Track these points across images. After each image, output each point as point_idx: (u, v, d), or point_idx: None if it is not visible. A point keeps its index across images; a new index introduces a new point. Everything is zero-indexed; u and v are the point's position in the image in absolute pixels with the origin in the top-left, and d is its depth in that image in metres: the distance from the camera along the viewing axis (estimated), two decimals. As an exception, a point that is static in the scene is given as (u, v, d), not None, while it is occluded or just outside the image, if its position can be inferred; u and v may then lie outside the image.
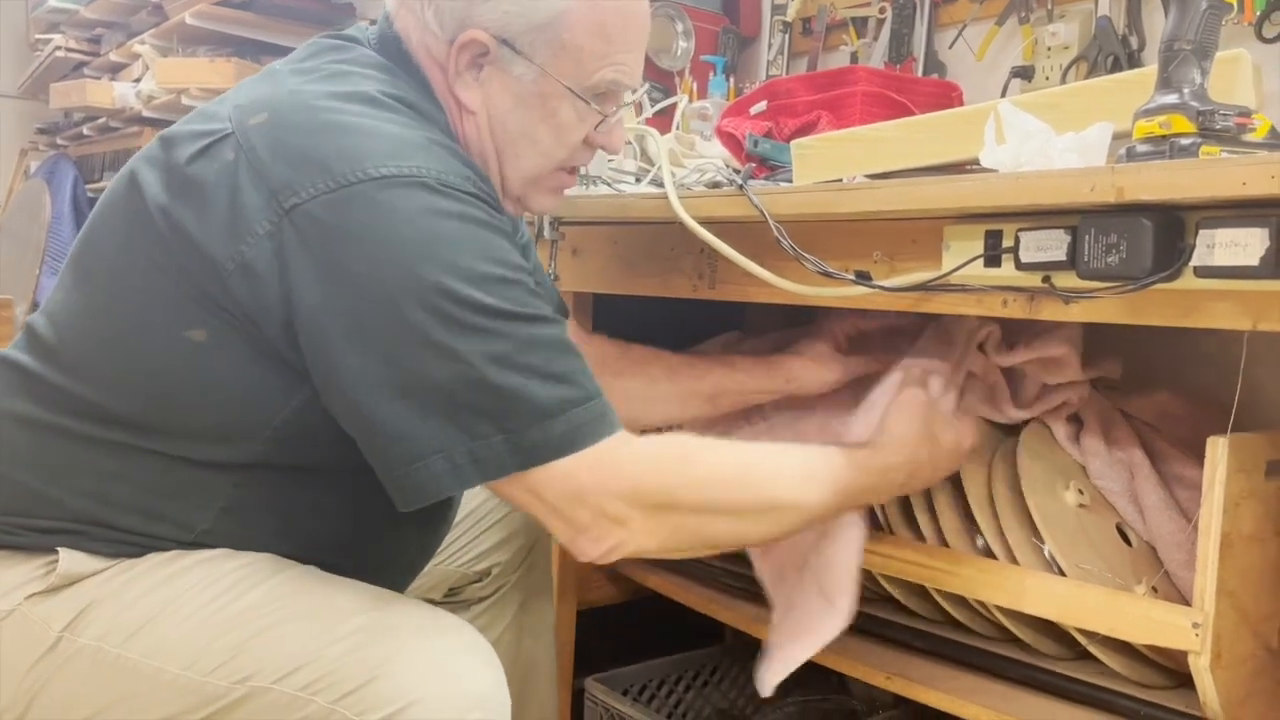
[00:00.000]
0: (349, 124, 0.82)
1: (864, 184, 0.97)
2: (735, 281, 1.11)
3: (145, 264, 0.84)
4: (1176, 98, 0.78)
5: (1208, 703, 0.87)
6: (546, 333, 0.81)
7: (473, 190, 0.82)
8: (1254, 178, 0.69)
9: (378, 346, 0.78)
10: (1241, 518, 0.86)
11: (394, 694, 0.76)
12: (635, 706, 1.28)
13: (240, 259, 0.80)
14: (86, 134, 3.07)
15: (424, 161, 0.81)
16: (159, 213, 0.83)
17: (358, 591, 0.85)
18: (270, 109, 0.84)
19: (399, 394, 0.78)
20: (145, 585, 0.83)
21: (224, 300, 0.81)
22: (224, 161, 0.82)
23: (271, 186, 0.80)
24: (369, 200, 0.78)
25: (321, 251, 0.78)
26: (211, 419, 0.85)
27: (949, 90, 1.37)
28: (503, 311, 0.79)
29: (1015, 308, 0.89)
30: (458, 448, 0.78)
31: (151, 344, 0.84)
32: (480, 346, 0.78)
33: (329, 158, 0.79)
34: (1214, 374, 1.08)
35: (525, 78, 0.90)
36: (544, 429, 0.79)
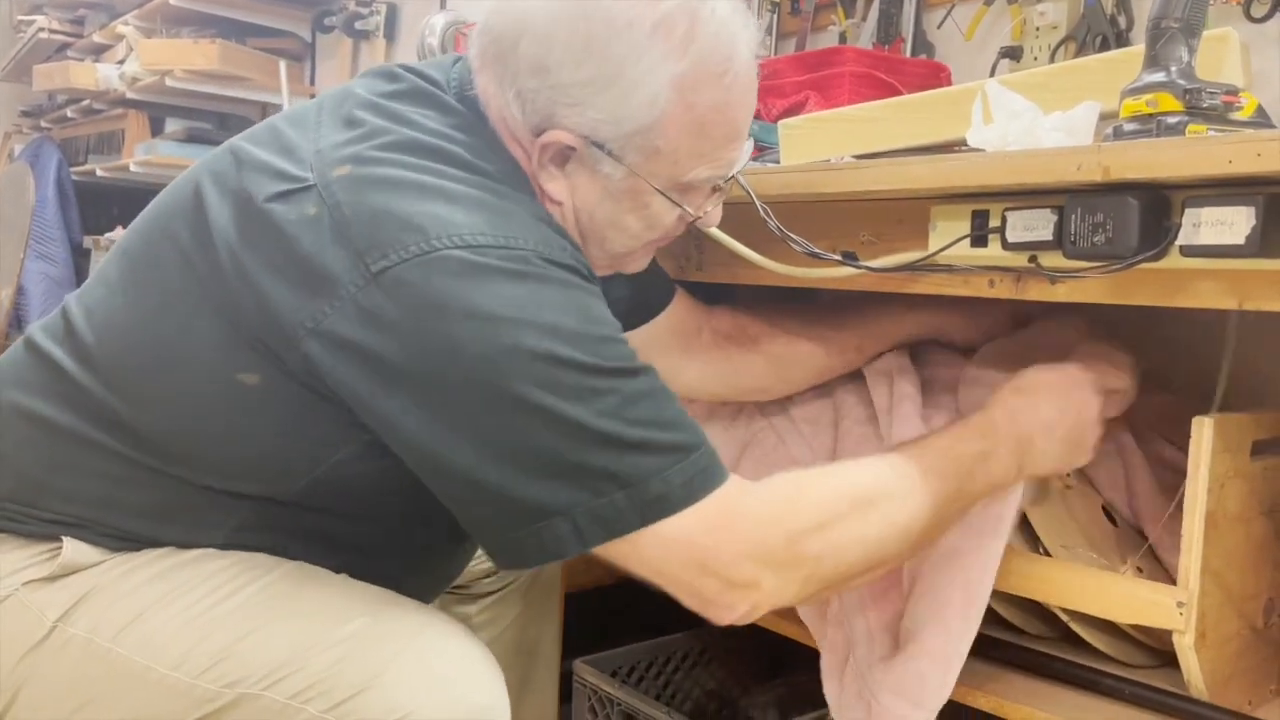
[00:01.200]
0: (440, 188, 0.78)
1: (850, 164, 0.97)
2: (723, 263, 1.11)
3: (201, 296, 0.81)
4: (1164, 76, 0.77)
5: (1192, 682, 0.87)
6: (647, 383, 0.78)
7: (565, 260, 0.79)
8: (1240, 155, 0.69)
9: (485, 418, 0.74)
10: (1227, 498, 0.87)
11: (387, 706, 0.75)
12: (623, 688, 1.28)
13: (319, 321, 0.76)
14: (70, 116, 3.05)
15: (519, 232, 0.78)
16: (226, 250, 0.79)
17: (354, 593, 0.83)
18: (354, 161, 0.79)
19: (511, 462, 0.74)
20: (140, 579, 0.82)
21: (286, 355, 0.77)
22: (304, 215, 0.78)
23: (358, 247, 0.75)
24: (463, 267, 0.74)
25: (415, 320, 0.74)
26: (249, 461, 0.82)
27: (937, 70, 1.37)
28: (606, 369, 0.76)
29: (1002, 288, 0.89)
30: (579, 508, 0.75)
31: (197, 378, 0.81)
32: (591, 406, 0.75)
33: (420, 220, 0.75)
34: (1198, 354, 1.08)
35: (614, 176, 0.86)
36: (665, 480, 0.75)
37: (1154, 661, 0.98)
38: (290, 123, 0.86)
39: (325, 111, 0.86)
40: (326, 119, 0.85)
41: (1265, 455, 0.91)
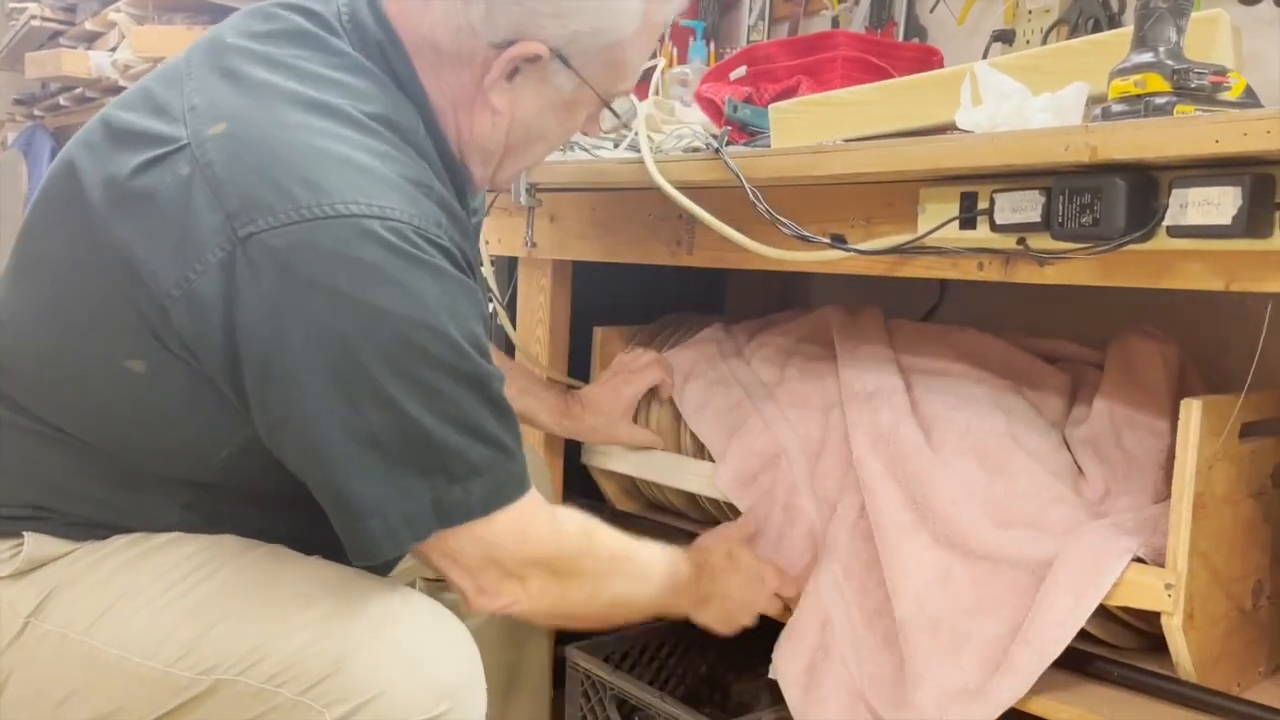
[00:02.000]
0: (318, 148, 0.75)
1: (839, 147, 0.96)
2: (713, 247, 1.11)
3: (84, 282, 0.79)
4: (1152, 56, 0.77)
5: (1180, 663, 0.88)
6: (488, 394, 0.79)
7: (445, 243, 0.78)
8: (1227, 135, 0.69)
9: (329, 396, 0.73)
10: (1214, 480, 0.87)
11: (360, 685, 0.75)
12: (616, 674, 1.28)
13: (186, 286, 0.74)
14: (63, 104, 3.03)
15: (397, 203, 0.75)
16: (101, 226, 0.77)
17: (326, 574, 0.83)
18: (230, 117, 0.77)
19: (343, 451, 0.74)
20: (108, 569, 0.81)
21: (164, 331, 0.76)
22: (177, 176, 0.75)
23: (228, 209, 0.73)
24: (333, 238, 0.72)
25: (276, 287, 0.72)
26: (156, 447, 0.81)
27: (930, 55, 1.36)
28: (456, 371, 0.76)
29: (991, 270, 0.89)
30: (393, 510, 0.76)
31: (90, 369, 0.80)
32: (431, 405, 0.75)
33: (293, 184, 0.73)
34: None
35: (564, 88, 0.88)
36: (466, 490, 0.78)
37: (1142, 644, 0.99)
38: (161, 80, 0.83)
39: (195, 63, 0.83)
40: (197, 70, 0.82)
41: (1254, 437, 0.91)
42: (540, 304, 1.37)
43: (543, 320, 1.37)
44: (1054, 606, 0.90)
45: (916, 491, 1.01)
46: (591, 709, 1.29)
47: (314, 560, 0.84)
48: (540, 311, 1.37)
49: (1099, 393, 1.04)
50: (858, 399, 1.11)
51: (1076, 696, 0.92)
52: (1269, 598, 0.95)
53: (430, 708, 0.76)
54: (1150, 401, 1.01)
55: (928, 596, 0.96)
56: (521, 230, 1.33)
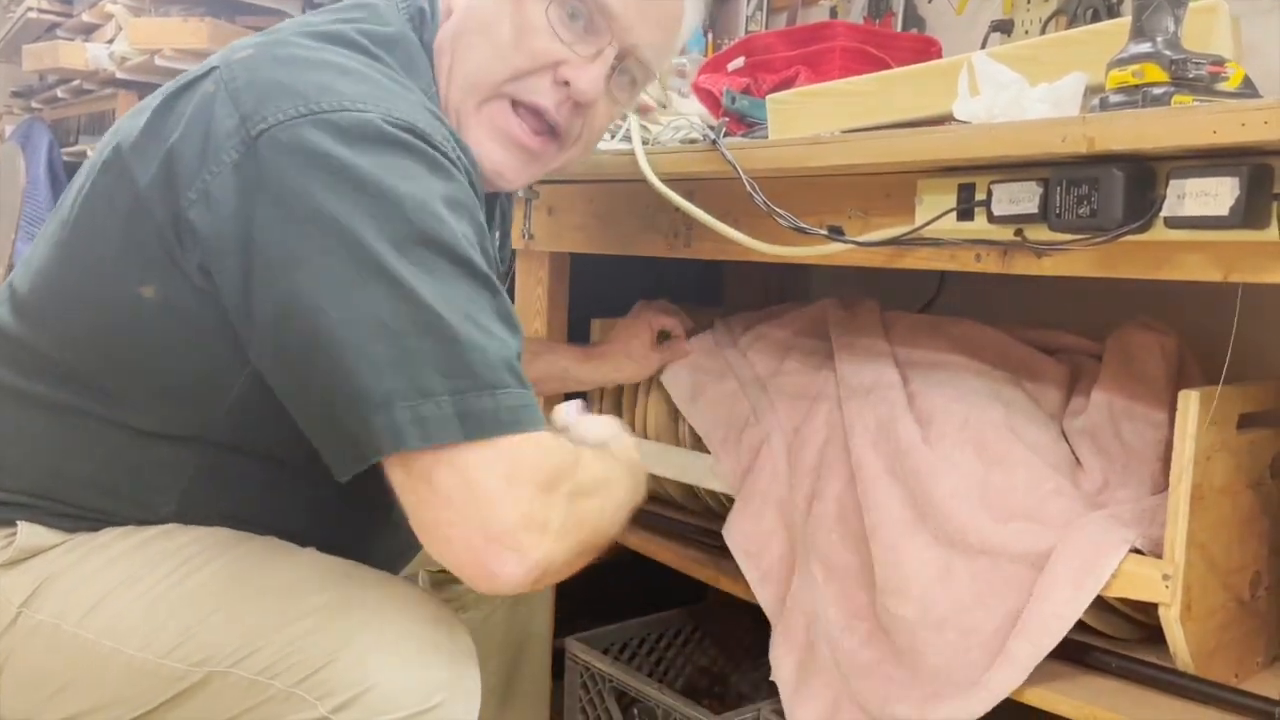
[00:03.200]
0: (337, 64, 0.79)
1: (836, 138, 0.96)
2: (712, 240, 1.10)
3: (103, 209, 0.81)
4: (1150, 46, 0.77)
5: (1178, 654, 0.88)
6: (500, 300, 0.76)
7: (449, 151, 0.79)
8: (1224, 125, 0.69)
9: (337, 279, 0.71)
10: (1213, 470, 0.87)
11: (353, 678, 0.75)
12: (616, 665, 1.28)
13: (203, 188, 0.75)
14: (61, 97, 3.02)
15: (405, 109, 0.77)
16: (128, 146, 0.80)
17: (318, 566, 0.83)
18: (257, 45, 0.82)
19: (352, 336, 0.70)
20: (101, 560, 0.81)
21: (179, 247, 0.76)
22: (204, 94, 0.79)
23: (243, 112, 0.76)
24: (339, 131, 0.74)
25: (285, 179, 0.73)
26: (163, 384, 0.81)
27: (928, 45, 1.36)
28: (467, 261, 0.74)
29: (988, 262, 0.89)
30: (402, 402, 0.69)
31: (102, 296, 0.81)
32: (444, 291, 0.72)
33: (305, 87, 0.76)
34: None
35: None
36: (495, 398, 0.71)
37: (1140, 635, 0.99)
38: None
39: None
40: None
41: (1252, 428, 0.91)
42: (538, 296, 1.37)
43: (540, 312, 1.37)
44: (1051, 598, 0.90)
45: (915, 488, 1.01)
46: (590, 701, 1.30)
47: (308, 552, 0.84)
48: (538, 304, 1.37)
49: (1097, 384, 1.04)
50: (855, 394, 1.10)
51: (1075, 687, 0.92)
52: (1267, 588, 0.95)
53: (423, 701, 0.76)
54: (1148, 393, 1.01)
55: (931, 596, 0.96)
56: (519, 222, 1.33)
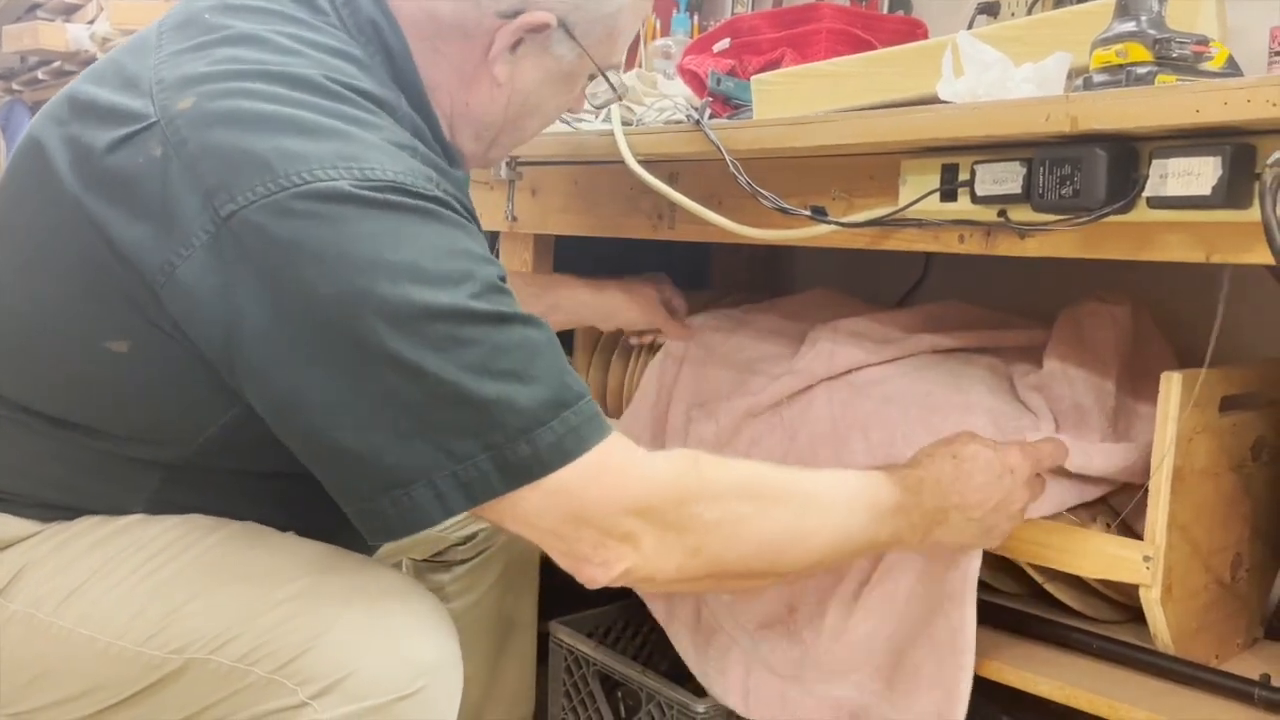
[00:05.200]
0: (287, 116, 0.72)
1: (820, 118, 0.96)
2: (696, 222, 1.10)
3: (57, 260, 0.77)
4: (1134, 25, 0.76)
5: (1159, 635, 0.88)
6: (521, 332, 0.73)
7: (437, 193, 0.75)
8: (1207, 105, 0.68)
9: (337, 370, 0.69)
10: (1194, 453, 0.87)
11: (333, 663, 0.74)
12: (600, 649, 1.28)
13: (172, 271, 0.71)
14: (41, 78, 2.99)
15: (378, 161, 0.72)
16: (74, 205, 0.75)
17: (298, 551, 0.81)
18: (198, 93, 0.74)
19: (368, 421, 0.69)
20: (77, 549, 0.80)
21: (154, 312, 0.74)
22: (150, 157, 0.73)
23: (205, 189, 0.71)
24: (316, 203, 0.70)
25: (266, 265, 0.70)
26: (136, 426, 0.79)
27: (914, 27, 1.35)
28: (474, 314, 0.71)
29: (972, 243, 0.88)
30: (440, 471, 0.70)
31: (66, 348, 0.77)
32: (452, 357, 0.69)
33: (268, 155, 0.70)
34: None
35: (565, 59, 0.89)
36: (532, 440, 0.70)
37: (1123, 616, 0.99)
38: (131, 51, 0.81)
39: (165, 34, 0.80)
40: (168, 41, 0.79)
41: (1234, 410, 0.91)
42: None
43: (525, 295, 1.36)
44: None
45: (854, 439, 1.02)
46: (575, 684, 1.30)
47: (287, 536, 0.83)
48: (522, 286, 1.36)
49: (1046, 352, 1.04)
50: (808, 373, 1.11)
51: (1055, 669, 0.93)
52: (1248, 570, 0.95)
53: (405, 686, 0.75)
54: (1094, 358, 1.02)
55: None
56: (502, 204, 1.32)
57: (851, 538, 0.83)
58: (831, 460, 1.02)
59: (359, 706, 0.74)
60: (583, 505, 0.73)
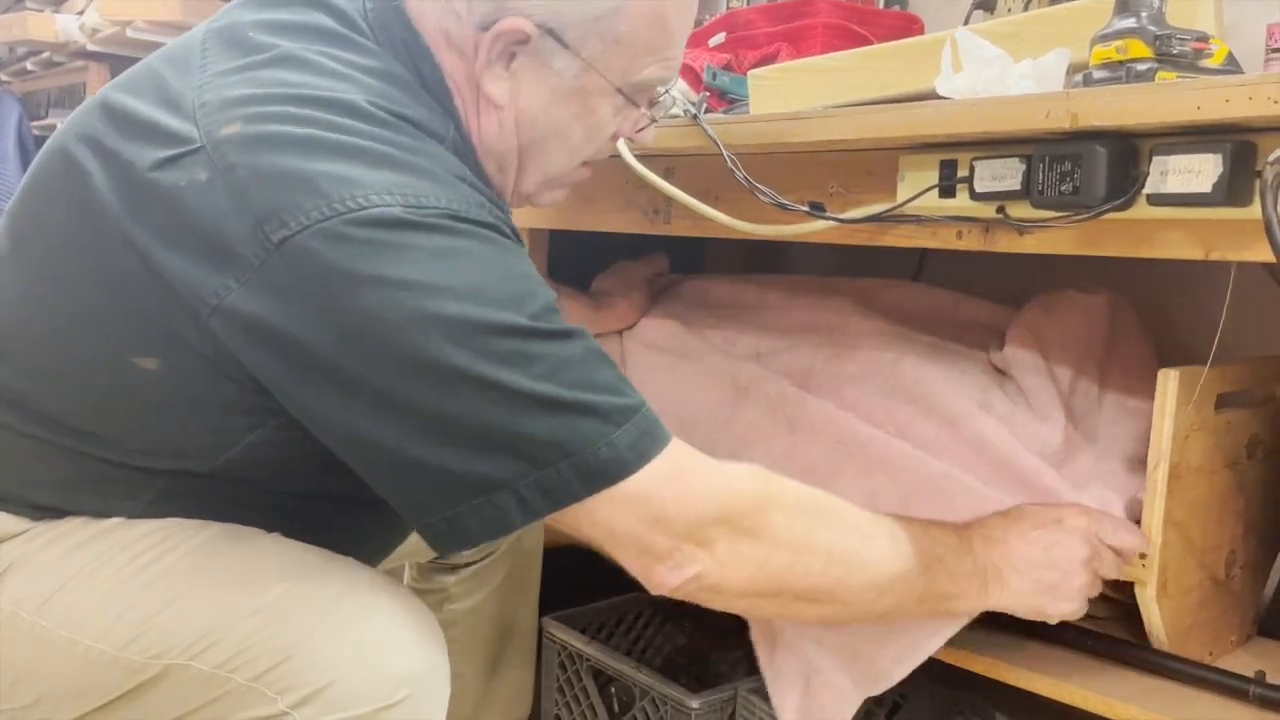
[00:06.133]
0: (340, 143, 0.71)
1: (818, 113, 0.95)
2: (692, 217, 1.09)
3: (91, 275, 0.75)
4: (1134, 22, 0.76)
5: (1154, 632, 0.88)
6: (581, 345, 0.74)
7: (488, 218, 0.74)
8: (1208, 102, 0.68)
9: (411, 391, 0.69)
10: (1190, 450, 0.87)
11: (314, 672, 0.73)
12: (593, 644, 1.28)
13: (223, 297, 0.70)
14: (30, 69, 2.97)
15: (429, 189, 0.72)
16: (113, 224, 0.73)
17: (282, 554, 0.80)
18: (244, 117, 0.72)
19: (443, 436, 0.70)
20: (62, 549, 0.79)
21: (190, 334, 0.73)
22: (195, 181, 0.71)
23: (257, 214, 0.69)
24: (370, 229, 0.69)
25: (325, 292, 0.68)
26: (157, 441, 0.78)
27: (910, 22, 1.35)
28: (537, 331, 0.71)
29: (970, 240, 0.88)
30: (524, 479, 0.70)
31: (92, 361, 0.76)
32: (524, 372, 0.70)
33: (321, 181, 0.69)
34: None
35: (566, 72, 0.82)
36: (611, 444, 0.71)
37: (1116, 613, 0.99)
38: (170, 64, 0.79)
39: (210, 51, 0.79)
40: (212, 59, 0.78)
41: (1229, 408, 0.91)
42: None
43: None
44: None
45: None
46: (568, 679, 1.29)
47: (271, 538, 0.81)
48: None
49: (1007, 335, 1.04)
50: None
51: (1050, 665, 0.93)
52: (1242, 567, 0.95)
53: (387, 696, 0.74)
54: (1057, 345, 1.02)
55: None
56: (497, 198, 1.31)
57: (908, 589, 0.82)
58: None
59: (340, 716, 0.73)
60: (662, 507, 0.74)
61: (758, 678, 1.07)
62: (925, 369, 1.03)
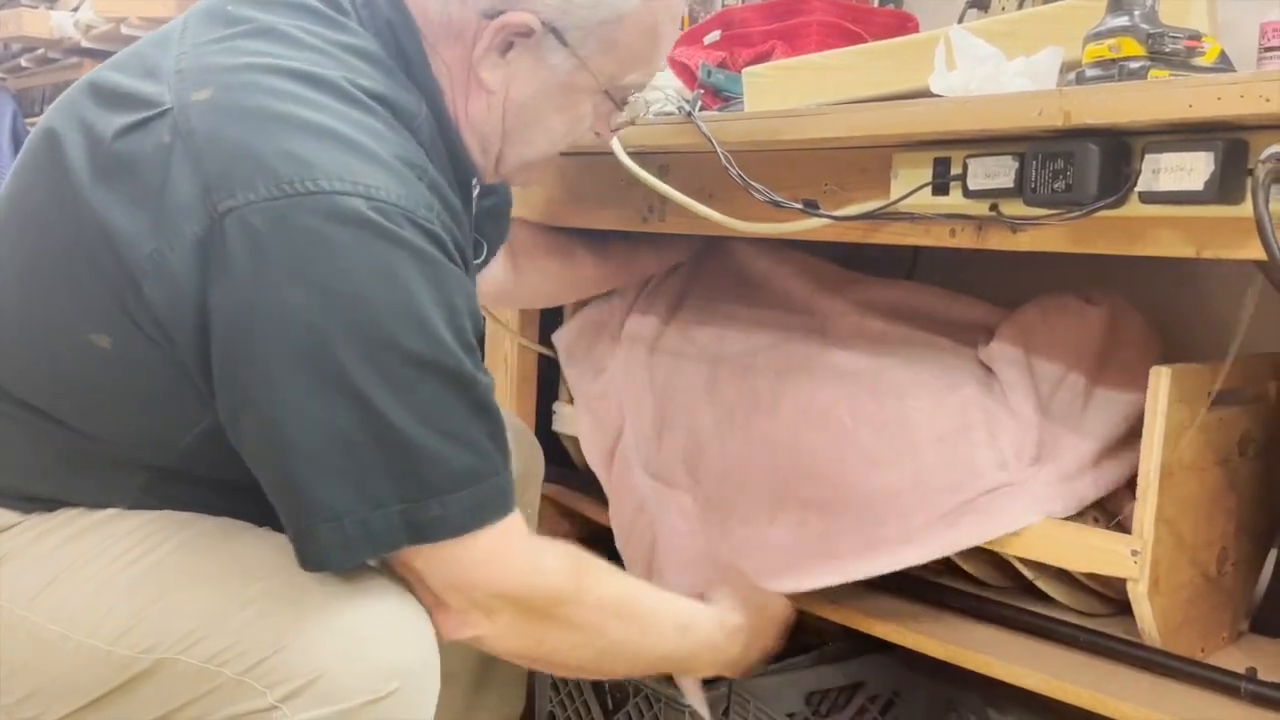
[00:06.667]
0: (304, 119, 0.72)
1: (812, 110, 0.95)
2: (687, 215, 1.09)
3: (56, 249, 0.76)
4: (1127, 20, 0.76)
5: (1145, 629, 0.88)
6: (472, 396, 0.75)
7: (434, 228, 0.74)
8: (1200, 99, 0.68)
9: (292, 389, 0.70)
10: (1182, 447, 0.87)
11: (302, 665, 0.73)
12: (587, 641, 1.28)
13: (160, 259, 0.71)
14: (25, 65, 2.96)
15: (384, 182, 0.72)
16: (76, 191, 0.74)
17: (271, 548, 0.79)
18: (216, 84, 0.73)
19: (304, 444, 0.71)
20: (53, 542, 0.79)
21: (134, 305, 0.73)
22: (158, 143, 0.72)
23: (207, 181, 0.70)
24: (313, 217, 0.69)
25: (251, 268, 0.69)
26: (118, 427, 0.79)
27: (905, 21, 1.35)
28: (435, 365, 0.72)
29: (963, 237, 0.88)
30: (351, 516, 0.71)
31: (56, 339, 0.77)
32: (402, 399, 0.71)
33: (275, 158, 0.70)
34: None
35: (560, 68, 0.85)
36: (444, 504, 0.73)
37: (1109, 610, 0.99)
38: (154, 42, 0.81)
39: (190, 26, 0.80)
40: (191, 33, 0.79)
41: (1221, 405, 0.91)
42: (511, 270, 1.35)
43: (512, 287, 1.35)
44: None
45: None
46: (562, 677, 1.29)
47: (261, 532, 0.81)
48: (510, 278, 1.35)
49: (997, 332, 1.05)
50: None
51: (1042, 661, 0.93)
52: (1233, 564, 0.96)
53: (378, 688, 0.73)
54: (1047, 348, 1.03)
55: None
56: (492, 196, 1.31)
57: (669, 661, 0.96)
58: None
59: (330, 710, 0.73)
60: (469, 579, 0.78)
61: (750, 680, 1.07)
62: (910, 365, 1.04)
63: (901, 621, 1.03)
